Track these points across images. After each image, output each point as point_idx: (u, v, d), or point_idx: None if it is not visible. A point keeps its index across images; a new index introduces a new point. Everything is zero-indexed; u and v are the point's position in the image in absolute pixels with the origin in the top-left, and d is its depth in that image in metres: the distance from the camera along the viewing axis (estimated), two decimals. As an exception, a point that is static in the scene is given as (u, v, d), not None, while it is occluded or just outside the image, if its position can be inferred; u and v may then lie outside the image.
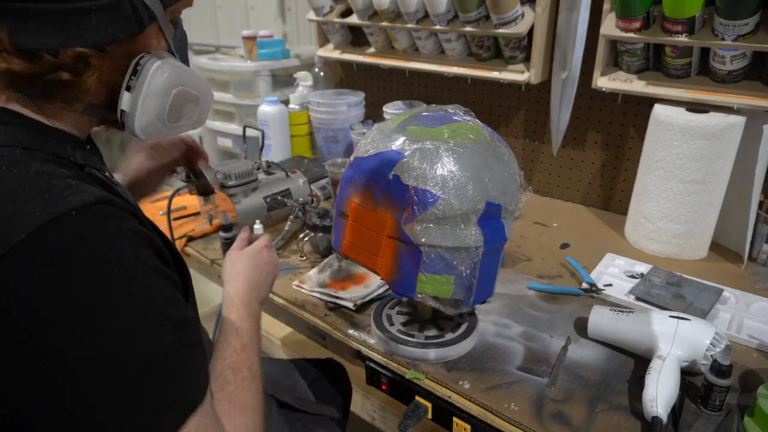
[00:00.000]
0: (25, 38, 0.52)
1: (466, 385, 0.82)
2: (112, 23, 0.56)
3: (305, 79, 1.84)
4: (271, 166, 1.39)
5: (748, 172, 1.13)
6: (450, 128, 0.80)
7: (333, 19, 1.67)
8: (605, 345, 0.91)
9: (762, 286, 1.08)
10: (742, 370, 0.86)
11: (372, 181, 0.79)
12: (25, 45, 0.52)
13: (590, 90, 1.33)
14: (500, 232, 0.80)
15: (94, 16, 0.54)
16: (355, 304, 1.02)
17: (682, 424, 0.76)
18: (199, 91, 0.68)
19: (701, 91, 1.15)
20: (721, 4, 1.00)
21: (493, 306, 1.03)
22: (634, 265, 1.16)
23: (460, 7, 1.34)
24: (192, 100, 0.68)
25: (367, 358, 0.92)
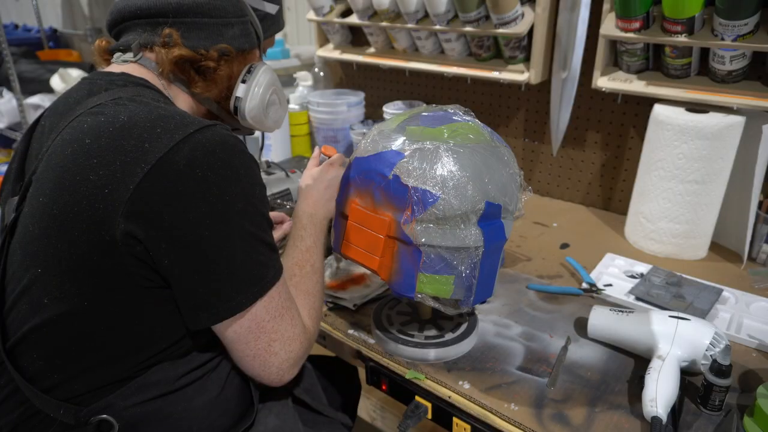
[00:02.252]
0: (189, 41, 0.80)
1: (466, 385, 0.82)
2: (241, 36, 0.85)
3: (305, 79, 1.84)
4: (271, 166, 1.39)
5: (747, 172, 1.13)
6: (450, 128, 0.80)
7: (333, 19, 1.67)
8: (605, 345, 0.91)
9: (762, 286, 1.08)
10: (741, 370, 0.86)
11: (372, 181, 0.79)
12: (190, 44, 0.80)
13: (590, 90, 1.33)
14: (500, 232, 0.80)
15: (232, 29, 0.83)
16: (355, 305, 1.02)
17: (681, 424, 0.76)
18: (283, 97, 0.96)
19: (701, 91, 1.15)
20: (721, 4, 1.00)
21: (493, 306, 1.03)
22: (634, 265, 1.16)
23: (460, 7, 1.34)
24: (278, 101, 0.94)
25: (367, 358, 0.92)
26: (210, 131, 0.68)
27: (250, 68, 0.87)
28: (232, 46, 0.83)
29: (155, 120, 0.68)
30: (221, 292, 0.68)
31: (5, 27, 3.52)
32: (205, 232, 0.66)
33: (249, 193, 0.70)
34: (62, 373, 0.70)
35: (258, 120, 0.90)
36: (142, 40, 0.79)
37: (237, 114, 0.88)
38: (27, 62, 2.98)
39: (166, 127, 0.67)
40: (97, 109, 0.71)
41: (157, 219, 0.65)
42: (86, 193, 0.65)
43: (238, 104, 0.87)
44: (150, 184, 0.64)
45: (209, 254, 0.67)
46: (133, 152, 0.65)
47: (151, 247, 0.66)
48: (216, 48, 0.81)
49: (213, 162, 0.67)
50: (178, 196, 0.65)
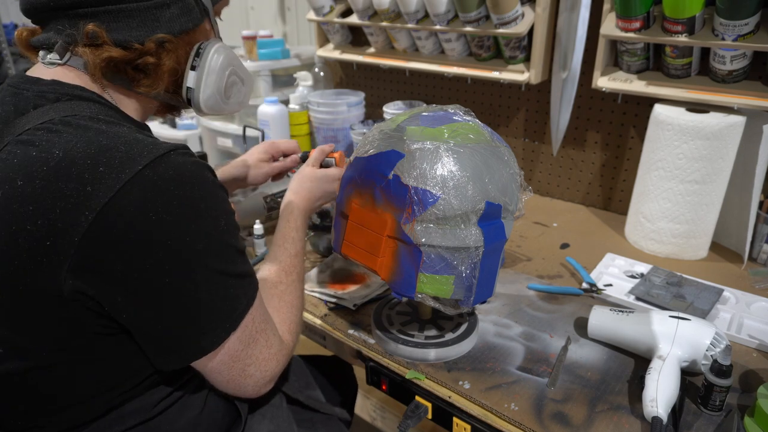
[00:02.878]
0: (118, 33, 0.66)
1: (466, 385, 0.82)
2: (181, 15, 0.71)
3: (305, 79, 1.84)
4: (271, 166, 1.39)
5: (748, 172, 1.13)
6: (450, 128, 0.80)
7: (333, 19, 1.67)
8: (605, 345, 0.91)
9: (762, 286, 1.08)
10: (742, 370, 0.85)
11: (372, 181, 0.79)
12: (119, 38, 0.66)
13: (590, 90, 1.33)
14: (500, 232, 0.80)
15: (168, 10, 0.69)
16: (355, 305, 1.02)
17: (682, 424, 0.76)
18: (244, 73, 0.83)
19: (701, 91, 1.15)
20: (721, 4, 1.00)
21: (493, 306, 1.03)
22: (634, 265, 1.16)
23: (460, 7, 1.34)
24: (240, 81, 0.83)
25: (367, 358, 0.92)
26: (162, 165, 0.60)
27: (198, 50, 0.74)
28: (172, 31, 0.70)
29: (96, 155, 0.58)
30: (188, 335, 0.64)
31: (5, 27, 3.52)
32: (165, 279, 0.61)
33: (212, 228, 0.64)
34: (29, 419, 0.67)
35: (216, 108, 0.79)
36: (64, 39, 0.66)
37: (191, 105, 0.78)
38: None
39: (110, 163, 0.58)
40: (27, 136, 0.61)
41: (108, 272, 0.59)
42: (25, 245, 0.58)
43: (191, 95, 0.76)
44: (96, 234, 0.57)
45: (171, 302, 0.62)
46: (74, 197, 0.57)
47: (105, 302, 0.61)
48: (152, 39, 0.68)
49: (168, 201, 0.59)
50: (130, 245, 0.58)
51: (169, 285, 0.61)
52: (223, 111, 0.82)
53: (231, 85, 0.81)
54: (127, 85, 0.71)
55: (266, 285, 0.80)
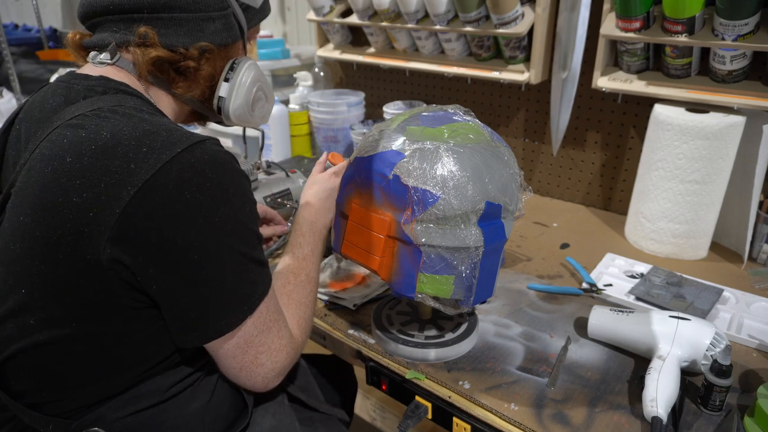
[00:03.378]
0: (167, 38, 0.75)
1: (466, 385, 0.82)
2: (223, 30, 0.80)
3: (305, 79, 1.84)
4: (271, 166, 1.39)
5: (748, 172, 1.13)
6: (450, 128, 0.80)
7: (333, 19, 1.67)
8: (605, 345, 0.91)
9: (762, 286, 1.08)
10: (742, 370, 0.86)
11: (372, 181, 0.79)
12: (168, 42, 0.75)
13: (590, 90, 1.33)
14: (500, 232, 0.80)
15: (213, 23, 0.78)
16: (355, 305, 1.02)
17: (682, 424, 0.76)
18: (269, 91, 0.92)
19: (701, 91, 1.15)
20: (721, 4, 1.00)
21: (493, 306, 1.03)
22: (634, 265, 1.16)
23: (460, 7, 1.34)
24: (264, 97, 0.91)
25: (367, 358, 0.92)
26: (199, 149, 0.65)
27: (233, 65, 0.83)
28: (214, 42, 0.78)
29: (140, 137, 0.64)
30: (211, 312, 0.67)
31: (5, 27, 3.52)
32: (195, 255, 0.64)
33: (239, 211, 0.68)
34: (51, 392, 0.69)
35: (243, 118, 0.87)
36: (118, 40, 0.74)
37: (221, 113, 0.85)
38: (27, 62, 2.98)
39: (152, 145, 0.63)
40: (77, 121, 0.67)
41: (144, 244, 0.63)
42: (70, 216, 0.62)
43: (222, 104, 0.84)
44: (137, 207, 0.61)
45: (199, 277, 0.65)
46: (118, 173, 0.62)
47: (139, 272, 0.64)
48: (196, 46, 0.76)
49: (202, 183, 0.64)
50: (166, 219, 0.62)
51: (198, 261, 0.65)
52: (248, 122, 0.90)
53: (257, 100, 0.89)
54: (166, 87, 0.78)
55: (276, 284, 0.82)
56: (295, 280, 0.84)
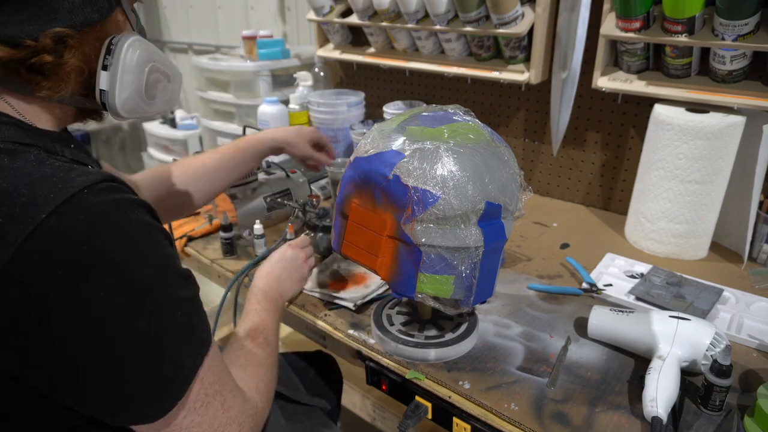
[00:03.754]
0: (5, 29, 0.55)
1: (466, 385, 0.82)
2: (84, 5, 0.59)
3: (305, 79, 1.84)
4: (271, 166, 1.39)
5: (748, 172, 1.13)
6: (450, 128, 0.80)
7: (333, 19, 1.67)
8: (605, 345, 0.91)
9: (762, 286, 1.08)
10: (742, 370, 0.86)
11: (372, 181, 0.79)
12: (6, 35, 0.55)
13: (590, 90, 1.33)
14: (500, 232, 0.80)
15: (66, 0, 0.58)
16: (355, 305, 1.02)
17: (682, 424, 0.76)
18: (169, 68, 0.72)
19: (701, 91, 1.15)
20: (721, 4, 1.00)
21: (493, 306, 1.03)
22: (634, 265, 1.16)
23: (460, 7, 1.34)
24: (165, 77, 0.71)
25: (367, 358, 0.92)
26: (72, 209, 0.51)
27: (109, 47, 0.62)
28: (73, 24, 0.58)
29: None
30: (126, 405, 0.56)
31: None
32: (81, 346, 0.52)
33: (133, 279, 0.54)
34: None
35: (138, 111, 0.68)
36: None
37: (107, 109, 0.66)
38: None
39: (10, 213, 0.49)
40: None
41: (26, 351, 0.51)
42: None
43: (105, 99, 0.64)
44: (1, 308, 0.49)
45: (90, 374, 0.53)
46: None
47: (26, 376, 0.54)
48: (47, 34, 0.56)
49: (75, 255, 0.50)
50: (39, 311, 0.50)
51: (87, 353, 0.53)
52: (147, 113, 0.71)
53: (154, 84, 0.69)
54: (27, 91, 0.60)
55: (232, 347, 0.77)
56: (252, 342, 0.78)
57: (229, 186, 1.16)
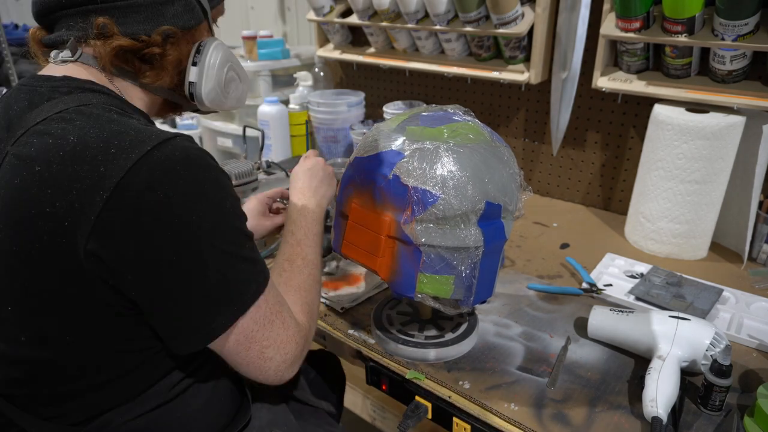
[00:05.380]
0: (127, 27, 0.71)
1: (466, 385, 0.82)
2: (184, 13, 0.76)
3: (305, 79, 1.84)
4: (271, 166, 1.40)
5: (748, 172, 1.13)
6: (450, 128, 0.80)
7: (333, 19, 1.67)
8: (605, 345, 0.91)
9: (762, 286, 1.08)
10: (742, 370, 0.86)
11: (372, 181, 0.79)
12: (128, 31, 0.71)
13: (590, 90, 1.33)
14: (500, 232, 0.80)
15: (172, 6, 0.74)
16: (343, 308, 1.02)
17: (682, 424, 0.76)
18: (242, 71, 0.88)
19: (701, 91, 1.15)
20: (721, 4, 1.00)
21: (493, 306, 1.03)
22: (634, 265, 1.16)
23: (460, 7, 1.34)
24: (238, 78, 0.87)
25: (367, 358, 0.92)
26: (169, 146, 0.62)
27: (199, 47, 0.79)
28: (176, 25, 0.75)
29: (108, 138, 0.61)
30: (197, 317, 0.65)
31: (5, 27, 3.52)
32: (172, 257, 0.62)
33: (218, 208, 0.65)
34: (56, 405, 0.69)
35: (217, 102, 0.83)
36: (76, 35, 0.71)
37: (194, 99, 0.81)
38: (27, 62, 2.98)
39: (121, 145, 0.61)
40: (42, 127, 0.64)
41: (121, 250, 0.60)
42: (45, 228, 0.60)
43: (193, 89, 0.80)
44: (110, 213, 0.59)
45: (178, 281, 0.63)
46: (89, 178, 0.59)
47: (118, 281, 0.62)
48: (158, 31, 0.73)
49: (174, 180, 0.61)
50: (139, 223, 0.60)
51: (178, 264, 0.62)
52: (224, 105, 0.85)
53: (229, 81, 0.84)
54: (133, 78, 0.75)
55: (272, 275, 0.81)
56: (290, 267, 0.83)
57: None
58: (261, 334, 0.70)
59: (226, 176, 0.68)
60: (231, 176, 1.23)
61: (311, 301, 0.82)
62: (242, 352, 0.69)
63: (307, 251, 0.86)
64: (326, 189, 0.99)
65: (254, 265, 0.70)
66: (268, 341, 0.70)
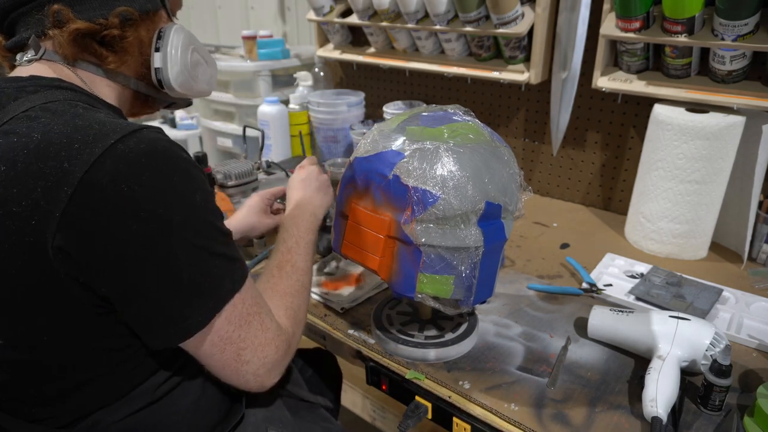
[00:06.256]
0: (83, 13, 0.71)
1: (466, 385, 0.82)
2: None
3: (305, 79, 1.84)
4: (271, 166, 1.39)
5: (748, 172, 1.13)
6: (450, 128, 0.80)
7: (333, 19, 1.67)
8: (605, 345, 0.91)
9: (762, 286, 1.08)
10: (741, 370, 0.86)
11: (372, 181, 0.79)
12: (84, 17, 0.71)
13: (590, 90, 1.33)
14: (500, 232, 0.80)
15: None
16: (343, 308, 1.02)
17: (682, 424, 0.76)
18: (206, 54, 0.87)
19: (701, 91, 1.15)
20: (721, 4, 1.00)
21: (493, 306, 1.03)
22: (634, 265, 1.16)
23: (460, 7, 1.34)
24: (204, 61, 0.86)
25: (367, 358, 0.92)
26: (134, 138, 0.61)
27: (159, 33, 0.78)
28: (132, 7, 0.74)
29: (71, 134, 0.61)
30: (170, 312, 0.64)
31: None
32: (141, 252, 0.61)
33: (187, 202, 0.63)
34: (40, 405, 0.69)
35: (187, 86, 0.82)
36: (35, 30, 0.71)
37: (163, 87, 0.80)
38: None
39: (85, 140, 0.60)
40: (8, 127, 0.63)
41: (88, 246, 0.60)
42: (13, 227, 0.59)
43: (161, 76, 0.78)
44: (75, 208, 0.58)
45: (148, 276, 0.62)
46: (53, 175, 0.59)
47: (88, 277, 0.61)
48: (114, 13, 0.72)
49: (139, 173, 0.60)
50: (105, 217, 0.59)
51: (146, 259, 0.61)
52: (194, 89, 0.84)
53: (196, 64, 0.84)
54: (96, 66, 0.74)
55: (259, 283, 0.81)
56: (279, 273, 0.82)
57: None
58: (237, 334, 0.68)
59: (198, 170, 0.67)
60: (231, 176, 1.23)
61: (297, 306, 0.81)
62: (217, 354, 0.68)
63: (297, 259, 0.85)
64: (321, 198, 1.00)
65: (229, 262, 0.68)
66: (245, 343, 0.69)
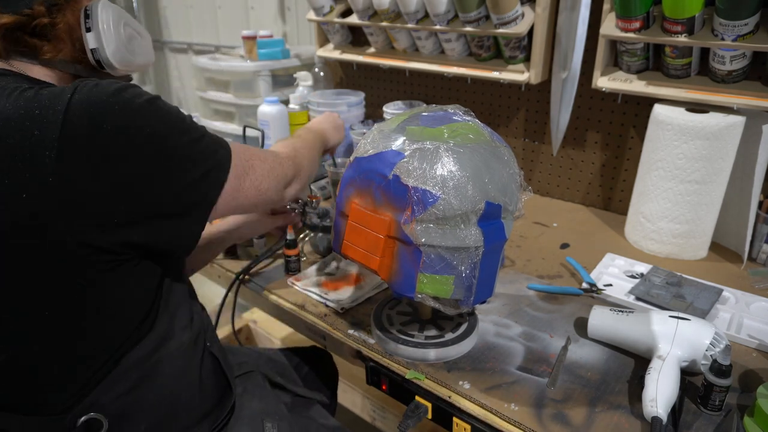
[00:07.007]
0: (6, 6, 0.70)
1: (466, 385, 0.82)
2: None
3: (305, 79, 1.84)
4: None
5: (748, 172, 1.13)
6: (450, 128, 0.80)
7: (333, 19, 1.67)
8: (605, 345, 0.91)
9: (762, 286, 1.08)
10: (741, 370, 0.86)
11: (372, 181, 0.79)
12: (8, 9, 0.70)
13: (590, 90, 1.33)
14: (500, 232, 0.80)
15: None
16: (342, 308, 1.02)
17: (682, 424, 0.76)
18: (138, 27, 0.86)
19: (701, 91, 1.15)
20: (721, 4, 1.00)
21: (493, 306, 1.03)
22: (634, 265, 1.16)
23: (460, 7, 1.34)
24: (138, 34, 0.85)
25: (367, 358, 0.92)
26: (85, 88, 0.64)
27: (86, 12, 0.77)
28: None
29: (26, 105, 0.62)
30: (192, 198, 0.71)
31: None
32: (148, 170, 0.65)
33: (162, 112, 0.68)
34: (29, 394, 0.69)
35: (126, 61, 0.81)
36: None
37: (103, 67, 0.79)
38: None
39: (42, 104, 0.62)
40: None
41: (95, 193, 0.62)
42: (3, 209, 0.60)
43: (98, 56, 0.77)
44: (66, 166, 0.60)
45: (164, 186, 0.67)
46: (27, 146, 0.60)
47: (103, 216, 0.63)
48: (38, 1, 0.71)
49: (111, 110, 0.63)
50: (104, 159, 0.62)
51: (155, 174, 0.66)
52: (133, 64, 0.84)
53: (131, 38, 0.83)
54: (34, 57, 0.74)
55: None
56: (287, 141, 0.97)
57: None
58: (249, 181, 0.79)
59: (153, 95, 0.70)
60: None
61: (299, 147, 0.97)
62: (244, 202, 0.79)
63: (306, 136, 1.03)
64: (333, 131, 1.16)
65: (209, 137, 0.74)
66: (258, 179, 0.81)
